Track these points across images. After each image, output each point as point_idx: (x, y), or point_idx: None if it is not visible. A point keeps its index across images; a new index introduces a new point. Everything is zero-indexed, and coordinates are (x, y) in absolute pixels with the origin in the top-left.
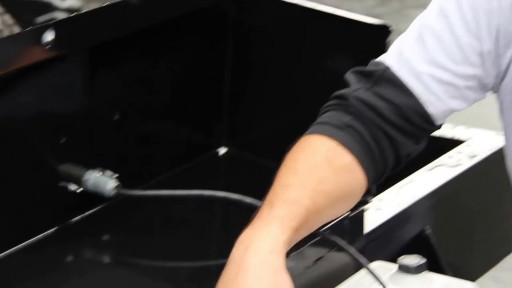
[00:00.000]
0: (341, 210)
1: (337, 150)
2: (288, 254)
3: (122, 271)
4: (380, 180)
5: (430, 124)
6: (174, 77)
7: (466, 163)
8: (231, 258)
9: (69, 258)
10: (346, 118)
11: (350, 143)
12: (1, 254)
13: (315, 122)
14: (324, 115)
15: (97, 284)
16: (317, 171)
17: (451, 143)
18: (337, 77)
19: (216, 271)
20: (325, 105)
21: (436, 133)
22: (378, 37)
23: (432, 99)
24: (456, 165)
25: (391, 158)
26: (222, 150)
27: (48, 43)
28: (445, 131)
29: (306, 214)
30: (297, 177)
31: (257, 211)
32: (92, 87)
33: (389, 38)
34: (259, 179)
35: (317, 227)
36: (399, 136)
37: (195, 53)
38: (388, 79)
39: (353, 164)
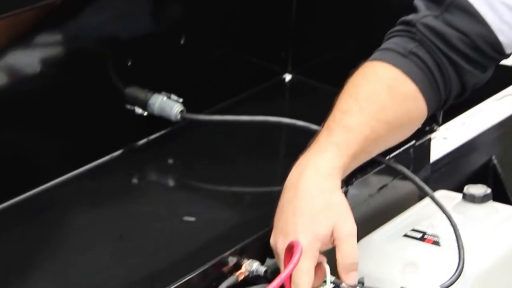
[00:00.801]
0: (400, 138)
1: (399, 78)
2: (352, 181)
3: (185, 195)
4: (443, 108)
5: (499, 53)
6: (241, 2)
7: None
8: (287, 183)
9: (134, 181)
10: (411, 45)
11: (413, 71)
12: (68, 175)
13: (379, 47)
14: (389, 41)
15: (161, 207)
16: (377, 99)
17: None
18: (405, 3)
19: (279, 196)
20: (391, 30)
21: (505, 62)
22: None
23: (504, 28)
24: None
25: (456, 87)
26: (288, 77)
27: None
28: None
29: (364, 141)
30: (357, 103)
31: (315, 137)
32: (159, 10)
33: None
34: (323, 106)
35: (375, 154)
36: (466, 65)
37: None
38: (460, 6)
39: (415, 93)
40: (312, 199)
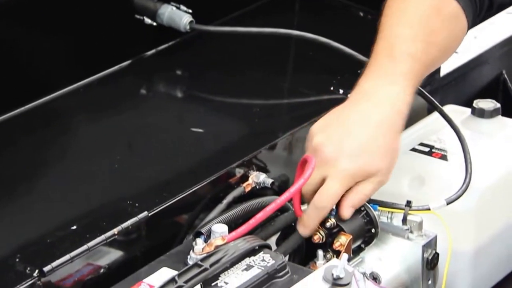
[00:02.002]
0: (445, 60)
1: None
2: None
3: (193, 106)
4: (473, 26)
5: None
6: None
7: None
8: (352, 106)
9: (142, 91)
10: None
11: None
12: (77, 85)
13: None
14: None
15: (169, 118)
16: (428, 21)
17: None
18: None
19: (290, 109)
20: None
21: None
22: None
23: None
24: None
25: (487, 2)
26: None
27: None
28: None
29: (424, 69)
30: (410, 28)
31: (372, 60)
32: None
33: None
34: (332, 19)
35: None
36: None
37: None
38: None
39: (458, 12)
40: (379, 136)
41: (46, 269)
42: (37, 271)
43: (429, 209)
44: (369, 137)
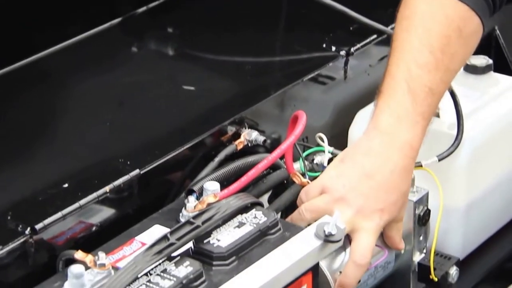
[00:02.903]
0: None
1: (467, 15)
2: (352, 52)
3: (185, 64)
4: None
5: None
6: None
7: None
8: (371, 149)
9: (133, 49)
10: None
11: (479, 5)
12: (67, 42)
13: None
14: None
15: (160, 76)
16: (449, 45)
17: None
18: None
19: (282, 66)
20: None
21: None
22: None
23: None
24: None
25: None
26: None
27: None
28: None
29: (440, 98)
30: (432, 56)
31: (389, 82)
32: None
33: None
34: None
35: None
36: None
37: None
38: None
39: (479, 27)
40: (404, 183)
41: (38, 226)
42: (29, 228)
43: (421, 166)
44: (394, 186)
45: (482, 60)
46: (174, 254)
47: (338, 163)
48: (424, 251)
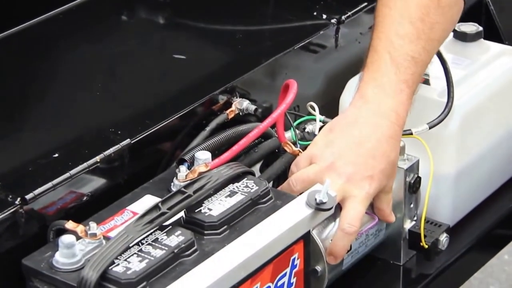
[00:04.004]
0: None
1: None
2: (343, 20)
3: (175, 33)
4: None
5: None
6: None
7: None
8: (357, 119)
9: (124, 18)
10: None
11: None
12: (57, 11)
13: None
14: None
15: (151, 45)
16: (429, 16)
17: None
18: None
19: (273, 35)
20: None
21: None
22: None
23: None
24: None
25: None
26: None
27: None
28: None
29: (424, 68)
30: (412, 26)
31: (372, 55)
32: None
33: None
34: None
35: None
36: None
37: None
38: None
39: None
40: (393, 151)
41: (28, 197)
42: (19, 199)
43: (411, 133)
44: (382, 154)
45: (472, 27)
46: (165, 224)
47: (327, 132)
48: (415, 218)
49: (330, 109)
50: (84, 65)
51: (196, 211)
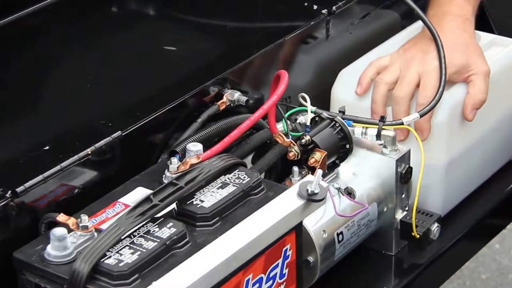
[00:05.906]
0: None
1: None
2: (334, 10)
3: (166, 24)
4: None
5: None
6: None
7: None
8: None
9: (114, 9)
10: None
11: None
12: (47, 1)
13: None
14: None
15: (141, 36)
16: None
17: None
18: None
19: (264, 26)
20: None
21: None
22: None
23: None
24: None
25: None
26: None
27: None
28: None
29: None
30: None
31: None
32: None
33: None
34: None
35: None
36: None
37: None
38: None
39: None
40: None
41: (19, 189)
42: (9, 192)
43: (402, 123)
44: (459, 41)
45: None
46: (157, 216)
47: (407, 46)
48: (406, 208)
49: (322, 100)
50: (75, 57)
51: (188, 202)
